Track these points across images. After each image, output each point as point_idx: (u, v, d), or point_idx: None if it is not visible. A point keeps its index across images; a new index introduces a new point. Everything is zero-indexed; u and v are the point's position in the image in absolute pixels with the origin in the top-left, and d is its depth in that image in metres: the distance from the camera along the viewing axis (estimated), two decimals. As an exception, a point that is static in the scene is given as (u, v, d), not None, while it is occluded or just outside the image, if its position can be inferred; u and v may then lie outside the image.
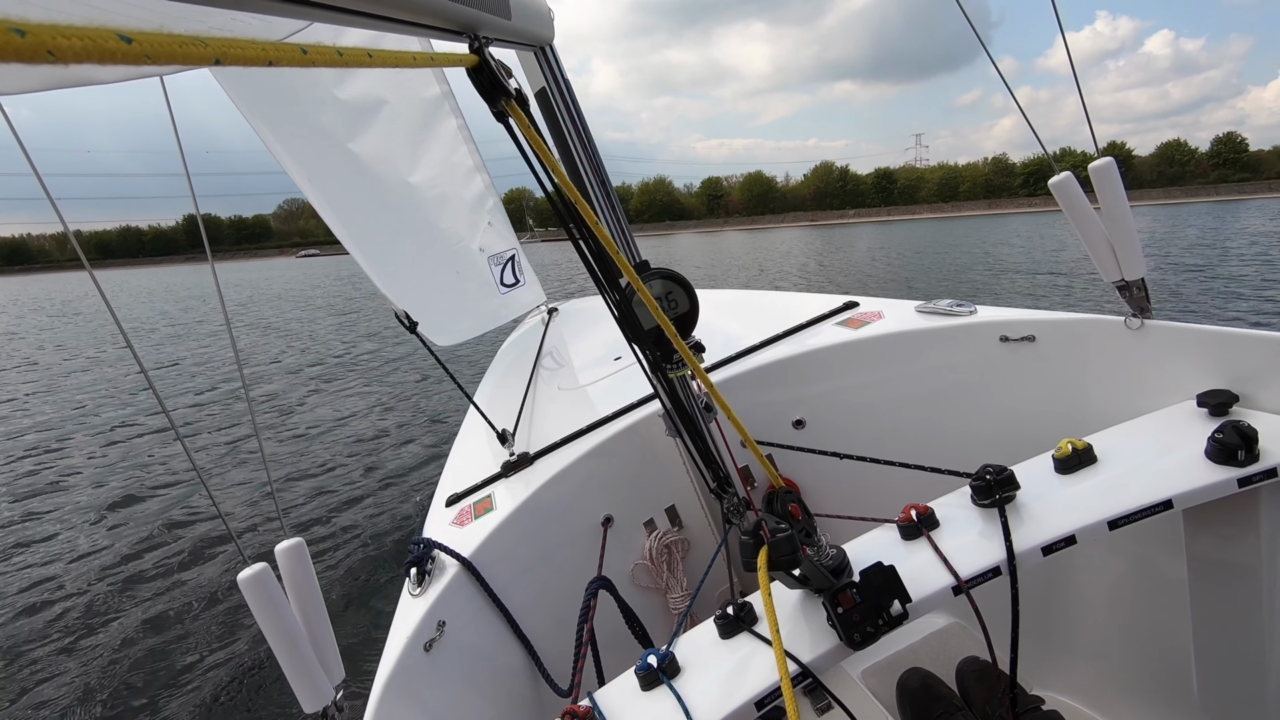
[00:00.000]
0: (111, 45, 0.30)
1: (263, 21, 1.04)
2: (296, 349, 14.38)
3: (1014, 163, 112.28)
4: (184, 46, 0.34)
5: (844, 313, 2.32)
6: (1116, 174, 1.42)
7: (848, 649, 1.02)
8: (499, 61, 0.96)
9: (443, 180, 3.25)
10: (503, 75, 0.94)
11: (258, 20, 1.02)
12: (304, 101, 2.51)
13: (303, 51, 0.45)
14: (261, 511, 5.62)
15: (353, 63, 0.51)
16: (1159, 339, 1.49)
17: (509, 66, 0.99)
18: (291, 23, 1.16)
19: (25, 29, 0.26)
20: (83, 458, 7.72)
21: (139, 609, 4.24)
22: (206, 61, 0.36)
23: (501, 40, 1.12)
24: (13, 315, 29.32)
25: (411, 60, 0.66)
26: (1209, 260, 17.50)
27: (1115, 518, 1.12)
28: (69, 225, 0.93)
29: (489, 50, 0.93)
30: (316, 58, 0.47)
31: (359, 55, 0.53)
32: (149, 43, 0.32)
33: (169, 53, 0.33)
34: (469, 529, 1.72)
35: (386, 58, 0.59)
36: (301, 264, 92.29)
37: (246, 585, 1.00)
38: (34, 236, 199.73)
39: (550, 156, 1.00)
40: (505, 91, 0.95)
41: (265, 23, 1.05)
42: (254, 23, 1.02)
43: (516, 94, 0.98)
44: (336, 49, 0.50)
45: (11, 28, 0.25)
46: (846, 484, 2.00)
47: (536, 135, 0.98)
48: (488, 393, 3.06)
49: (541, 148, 0.99)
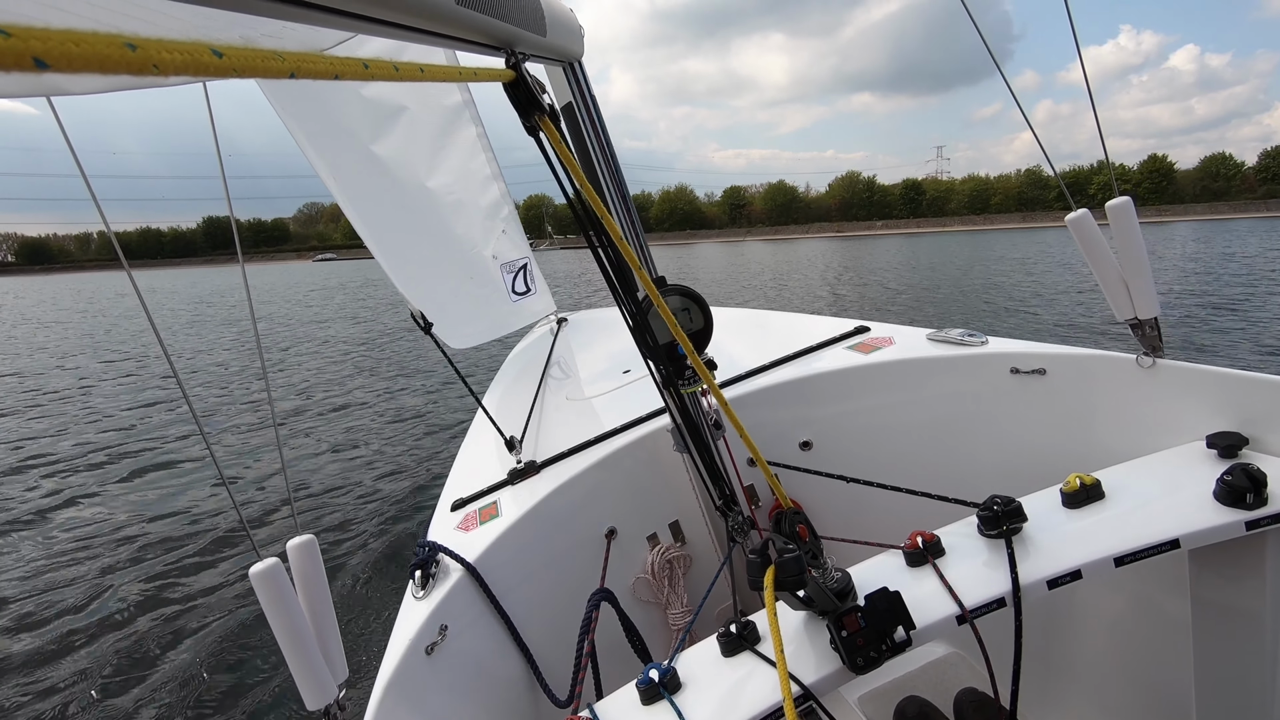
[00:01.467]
0: (205, 59, 0.32)
1: (309, 29, 1.07)
2: (311, 352, 14.49)
3: (1048, 175, 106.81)
4: (265, 61, 0.36)
5: (855, 337, 2.33)
6: (1133, 213, 1.43)
7: (849, 673, 1.02)
8: (534, 77, 0.98)
9: (460, 186, 3.29)
10: (537, 91, 0.97)
11: (304, 27, 1.05)
12: (332, 99, 2.56)
13: (365, 66, 0.47)
14: (270, 505, 5.66)
15: (408, 77, 0.53)
16: (1170, 378, 1.49)
17: (542, 82, 1.01)
18: (333, 32, 1.19)
19: (136, 43, 0.28)
20: (103, 447, 7.79)
21: (148, 595, 4.29)
22: (283, 74, 0.38)
23: (535, 56, 1.15)
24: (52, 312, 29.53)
25: (458, 75, 0.68)
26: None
27: (1122, 554, 1.12)
28: (110, 226, 0.95)
29: (525, 66, 0.96)
30: (377, 72, 0.48)
31: (412, 70, 0.55)
32: (237, 57, 0.33)
33: (253, 66, 0.35)
34: (474, 534, 1.73)
35: (437, 72, 0.61)
36: (318, 268, 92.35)
37: (258, 579, 1.00)
38: (55, 236, 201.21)
39: (579, 171, 1.02)
40: (539, 106, 0.97)
41: (311, 30, 1.08)
42: (301, 30, 1.05)
43: (550, 109, 1.00)
44: (394, 64, 0.52)
45: (125, 42, 0.27)
46: (851, 507, 2.00)
47: (567, 150, 1.00)
48: (495, 399, 3.08)
49: (572, 162, 1.01)
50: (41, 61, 0.23)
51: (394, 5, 0.60)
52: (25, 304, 38.98)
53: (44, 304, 37.46)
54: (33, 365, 14.63)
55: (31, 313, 30.09)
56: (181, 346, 15.79)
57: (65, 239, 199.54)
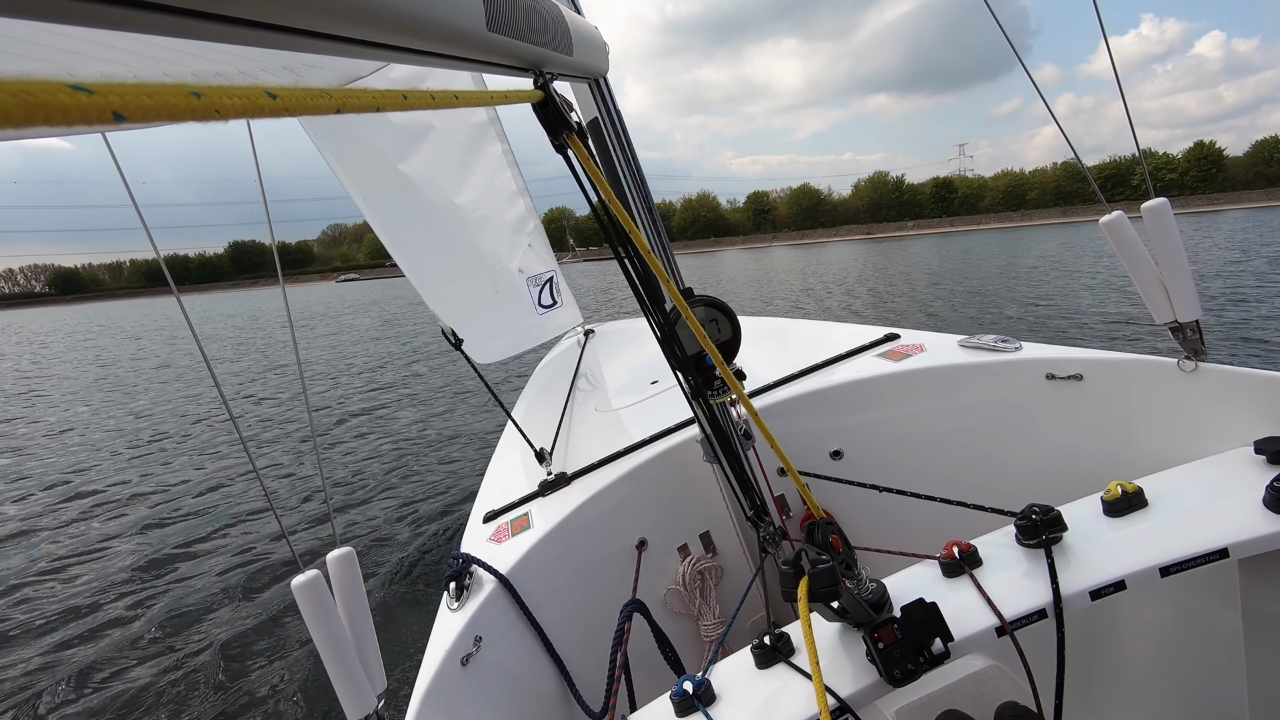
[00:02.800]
0: (262, 102, 0.33)
1: (343, 59, 1.11)
2: (344, 368, 14.81)
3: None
4: (314, 99, 0.38)
5: (885, 344, 2.30)
6: (1170, 214, 1.40)
7: (885, 686, 1.00)
8: (562, 96, 1.00)
9: (486, 203, 3.35)
10: (565, 110, 0.98)
11: (339, 59, 1.09)
12: (362, 124, 2.63)
13: (404, 97, 0.49)
14: (310, 519, 5.79)
15: (444, 104, 0.55)
16: (1214, 382, 1.45)
17: (570, 100, 1.03)
18: (365, 62, 1.23)
19: (200, 91, 0.30)
20: (148, 464, 8.07)
21: (190, 606, 4.41)
22: (330, 110, 0.40)
23: (563, 75, 1.17)
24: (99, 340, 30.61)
25: (490, 99, 0.70)
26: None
27: (1167, 564, 1.09)
28: (160, 253, 0.99)
29: (553, 86, 0.98)
30: (415, 102, 0.50)
31: (447, 98, 0.57)
32: (289, 97, 0.35)
33: (302, 105, 0.37)
34: (506, 546, 1.75)
35: (471, 98, 0.63)
36: (342, 289, 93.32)
37: (300, 591, 1.03)
38: (88, 266, 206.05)
39: (607, 187, 1.04)
40: (568, 125, 0.98)
41: (350, 60, 1.12)
42: (336, 61, 1.08)
43: (578, 127, 1.02)
44: (430, 93, 0.54)
45: (190, 91, 0.29)
46: (884, 517, 1.98)
47: (595, 167, 1.02)
48: (524, 411, 3.11)
49: (600, 179, 1.03)
50: (120, 115, 0.25)
51: (429, 34, 0.62)
52: (67, 329, 40.09)
53: (77, 332, 38.32)
54: (70, 388, 15.16)
55: (70, 341, 30.94)
56: (223, 369, 16.23)
57: (98, 268, 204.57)
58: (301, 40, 0.51)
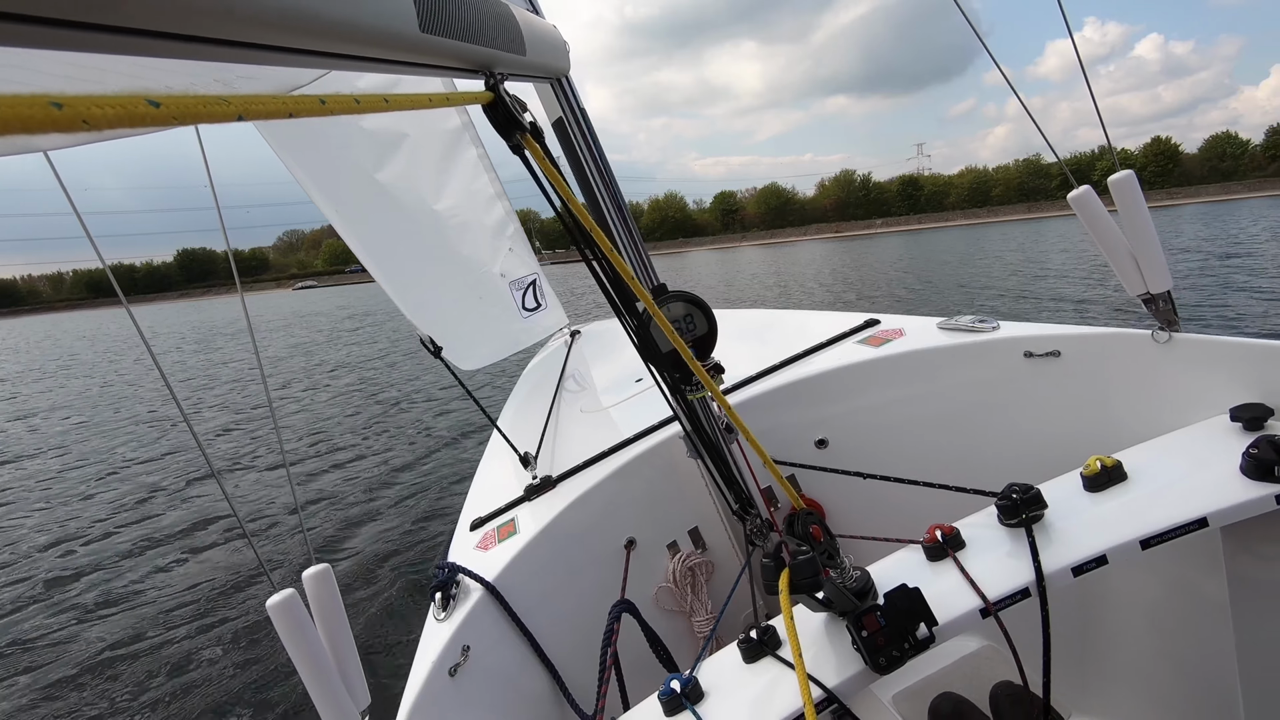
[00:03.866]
0: (141, 110, 0.32)
1: (285, 69, 1.09)
2: (317, 377, 14.59)
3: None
4: (208, 106, 0.36)
5: (864, 330, 2.30)
6: (1136, 186, 1.40)
7: (874, 673, 1.00)
8: (514, 96, 0.98)
9: (464, 208, 3.33)
10: (517, 110, 0.97)
11: (276, 69, 1.07)
12: (332, 137, 2.61)
13: (321, 102, 0.47)
14: (288, 536, 5.71)
15: (370, 109, 0.54)
16: (1188, 352, 1.45)
17: (523, 100, 1.02)
18: (308, 70, 1.21)
19: (62, 101, 0.28)
20: (108, 485, 7.90)
21: (166, 631, 4.33)
22: (230, 118, 0.38)
23: (517, 75, 1.15)
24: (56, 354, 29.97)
25: (427, 102, 0.69)
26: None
27: (1148, 537, 1.09)
28: (106, 260, 0.97)
29: (504, 86, 0.96)
30: (335, 106, 0.49)
31: (375, 101, 0.56)
32: (175, 105, 0.34)
33: (194, 113, 0.35)
34: (493, 553, 1.73)
35: (402, 101, 0.61)
36: (301, 296, 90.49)
37: (275, 611, 1.02)
38: (25, 278, 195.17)
39: (565, 186, 1.03)
40: (520, 126, 0.97)
41: (288, 69, 1.10)
42: (277, 69, 1.07)
43: (531, 127, 1.01)
44: (354, 97, 0.53)
45: (50, 101, 0.28)
46: (870, 504, 1.98)
47: (551, 166, 1.01)
48: (511, 416, 3.09)
49: (556, 178, 1.02)
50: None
51: (358, 39, 0.61)
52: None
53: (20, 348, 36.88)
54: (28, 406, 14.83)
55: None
56: (180, 381, 15.87)
57: (37, 279, 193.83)
58: (224, 51, 0.50)
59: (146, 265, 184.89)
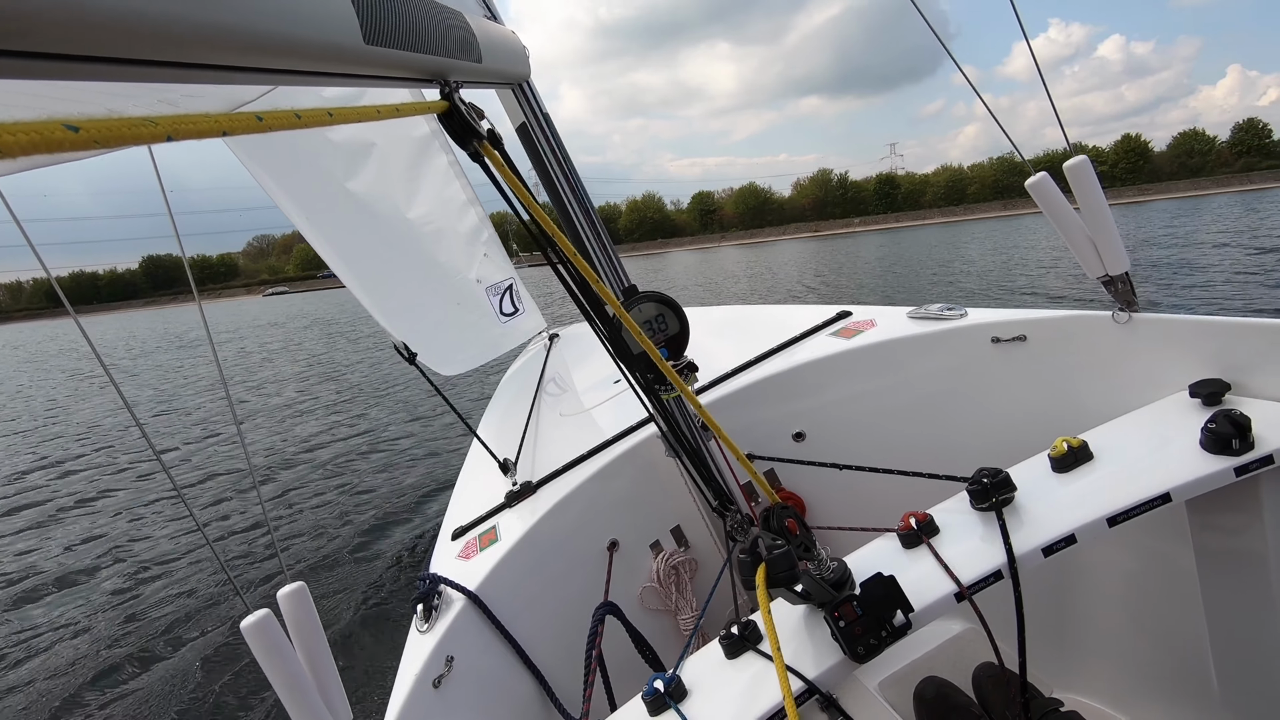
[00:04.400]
0: (59, 135, 0.32)
1: (229, 86, 1.07)
2: (287, 386, 14.24)
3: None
4: (133, 129, 0.36)
5: (837, 322, 2.32)
6: (1092, 171, 1.43)
7: (854, 663, 1.01)
8: (469, 104, 0.98)
9: (438, 215, 3.31)
10: (473, 118, 0.97)
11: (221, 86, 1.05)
12: (300, 147, 2.58)
13: (258, 119, 0.47)
14: (261, 554, 5.52)
15: (312, 123, 0.53)
16: (1147, 332, 1.48)
17: (480, 108, 1.02)
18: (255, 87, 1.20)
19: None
20: (69, 507, 7.57)
21: (139, 659, 4.19)
22: (158, 139, 0.38)
23: (475, 83, 1.15)
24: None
25: (375, 114, 0.68)
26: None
27: (1113, 514, 1.11)
28: (66, 269, 0.95)
29: (459, 94, 0.96)
30: (274, 123, 0.48)
31: (319, 115, 0.55)
32: (96, 129, 0.34)
33: (118, 136, 0.35)
34: (474, 561, 1.73)
35: (348, 114, 0.61)
36: (272, 302, 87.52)
37: (250, 633, 1.00)
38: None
39: (524, 192, 1.03)
40: (476, 133, 0.97)
41: (227, 87, 1.08)
42: (218, 88, 1.05)
43: (489, 134, 1.01)
44: (295, 112, 0.52)
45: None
46: (848, 494, 1.99)
47: (510, 173, 1.01)
48: (492, 423, 3.08)
49: (516, 184, 1.02)
50: None
51: (301, 54, 0.60)
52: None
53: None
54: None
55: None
56: (136, 395, 15.18)
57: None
58: (160, 72, 0.49)
59: (110, 273, 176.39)
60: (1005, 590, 1.08)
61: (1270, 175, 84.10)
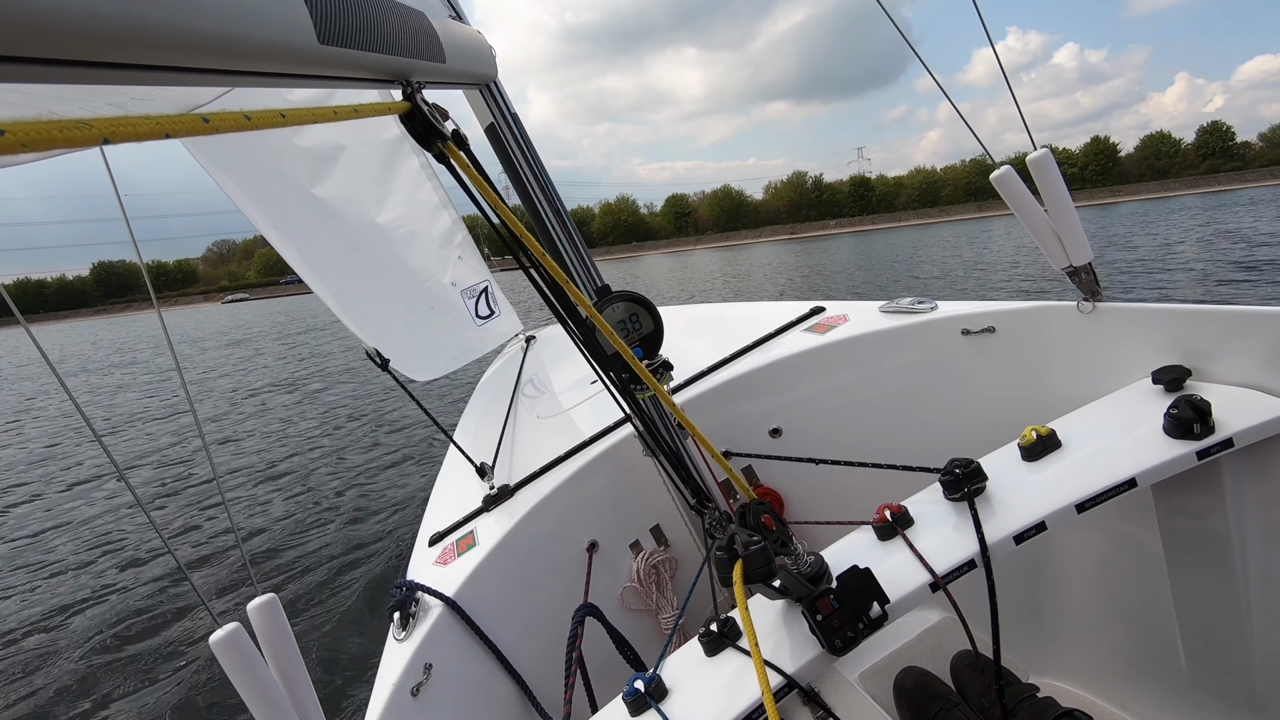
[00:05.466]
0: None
1: (183, 89, 1.04)
2: (254, 392, 13.97)
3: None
4: (65, 131, 0.35)
5: (811, 318, 2.34)
6: (1054, 164, 1.45)
7: (832, 656, 1.02)
8: (432, 105, 0.96)
9: (409, 219, 3.27)
10: (436, 119, 0.95)
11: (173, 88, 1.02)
12: (264, 151, 2.53)
13: (204, 121, 0.46)
14: (231, 566, 5.39)
15: (263, 125, 0.52)
16: (1111, 320, 1.52)
17: (444, 109, 1.00)
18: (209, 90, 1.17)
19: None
20: (27, 519, 7.37)
21: (104, 679, 4.05)
22: (93, 143, 0.37)
23: (439, 83, 1.14)
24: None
25: (332, 115, 0.67)
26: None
27: (1081, 500, 1.13)
28: (9, 276, 0.92)
29: (421, 95, 0.94)
30: (221, 125, 0.47)
31: (270, 117, 0.54)
32: (25, 132, 0.32)
33: (48, 139, 0.34)
34: (452, 567, 1.71)
35: (302, 115, 0.60)
36: (230, 310, 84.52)
37: (219, 648, 0.98)
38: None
39: (491, 193, 1.01)
40: (440, 134, 0.96)
41: (187, 90, 1.05)
42: (170, 91, 1.02)
43: (453, 135, 0.99)
44: (244, 114, 0.51)
45: None
46: (825, 489, 2.01)
47: (476, 174, 1.00)
48: (470, 427, 3.05)
49: (482, 185, 1.01)
50: None
51: (252, 55, 0.59)
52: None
53: None
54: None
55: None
56: (94, 404, 14.88)
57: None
58: (106, 74, 0.47)
59: (58, 280, 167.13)
60: (979, 579, 1.10)
61: (1235, 177, 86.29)
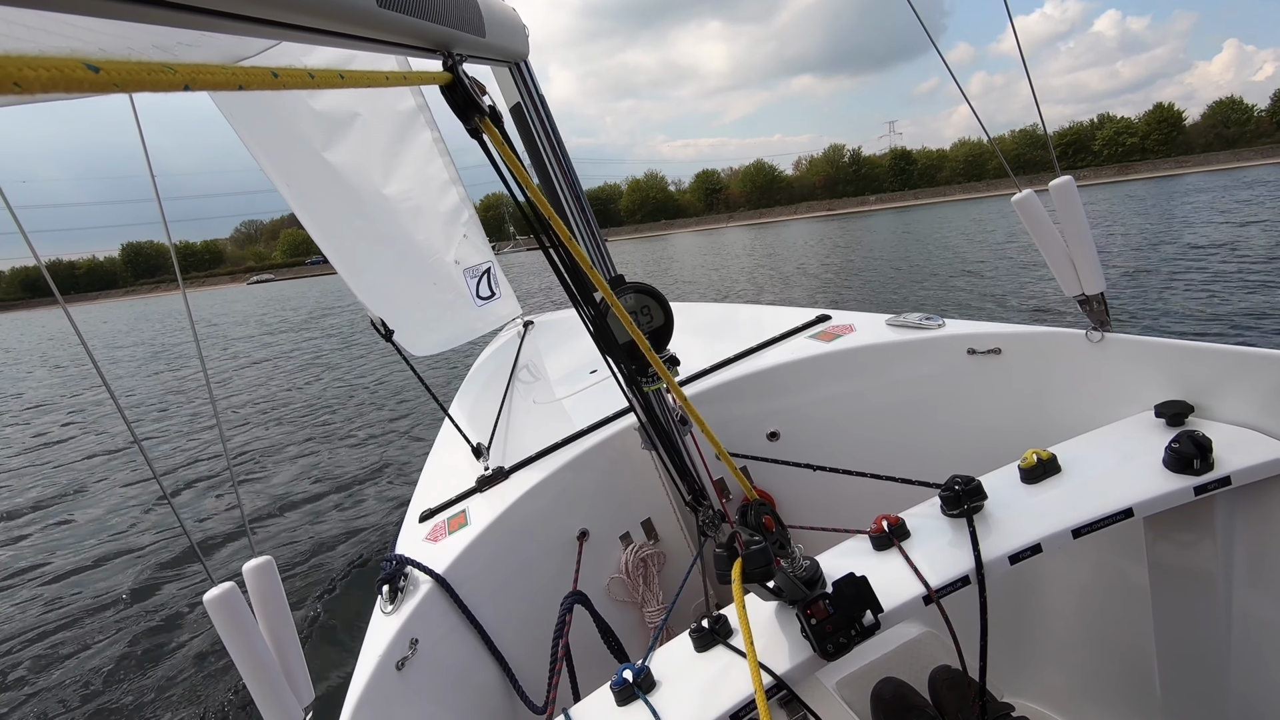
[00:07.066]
0: (79, 75, 0.30)
1: (231, 38, 1.03)
2: (262, 361, 14.02)
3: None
4: (152, 74, 0.34)
5: (816, 325, 2.35)
6: (1075, 192, 1.47)
7: (822, 660, 1.03)
8: (473, 79, 0.96)
9: (418, 192, 3.25)
10: (476, 93, 0.95)
11: (225, 36, 1.01)
12: (282, 109, 2.51)
13: (274, 75, 0.45)
14: (229, 528, 5.48)
15: (325, 84, 0.52)
16: (1118, 351, 1.53)
17: (482, 83, 1.00)
18: (255, 41, 1.15)
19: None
20: (36, 477, 7.50)
21: (102, 632, 4.12)
22: (176, 87, 0.36)
23: (476, 57, 1.13)
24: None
25: (384, 80, 0.66)
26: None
27: (1078, 526, 1.15)
28: (44, 257, 0.91)
29: (463, 68, 0.94)
30: (288, 80, 0.47)
31: (331, 77, 0.53)
32: (116, 71, 0.32)
33: (137, 80, 0.33)
34: (442, 545, 1.71)
35: (359, 78, 0.59)
36: (255, 291, 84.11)
37: (213, 605, 0.97)
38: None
39: (524, 173, 1.01)
40: (479, 109, 0.95)
41: (234, 40, 1.04)
42: (223, 37, 1.01)
43: (490, 110, 0.99)
44: (308, 71, 0.51)
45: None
46: (820, 495, 2.02)
47: (510, 152, 0.99)
48: (464, 406, 3.04)
49: (515, 164, 1.00)
50: None
51: (313, 9, 0.58)
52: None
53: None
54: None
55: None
56: (114, 372, 15.21)
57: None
58: (166, 14, 0.47)
59: (88, 261, 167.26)
60: (968, 595, 1.11)
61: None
